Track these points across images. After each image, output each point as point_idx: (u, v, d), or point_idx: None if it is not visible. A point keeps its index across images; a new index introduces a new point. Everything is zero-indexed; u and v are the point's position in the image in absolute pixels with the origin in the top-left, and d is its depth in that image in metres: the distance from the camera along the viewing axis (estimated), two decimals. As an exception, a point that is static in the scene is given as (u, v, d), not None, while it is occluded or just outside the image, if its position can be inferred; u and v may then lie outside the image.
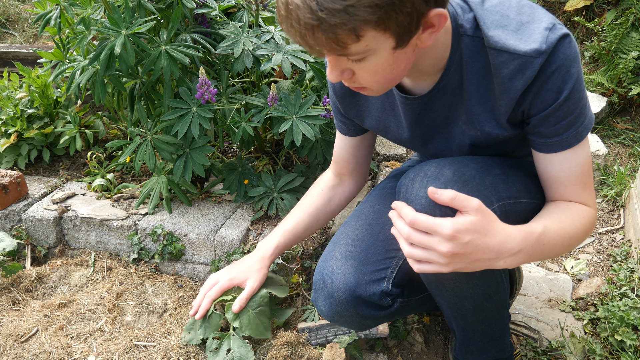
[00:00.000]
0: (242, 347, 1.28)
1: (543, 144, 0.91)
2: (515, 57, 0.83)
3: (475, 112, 0.93)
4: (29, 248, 1.79)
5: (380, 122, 1.09)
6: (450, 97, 0.94)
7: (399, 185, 0.93)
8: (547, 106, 0.86)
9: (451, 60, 0.89)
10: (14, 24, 3.54)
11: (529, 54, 0.82)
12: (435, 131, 1.02)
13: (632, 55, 2.40)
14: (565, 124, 0.87)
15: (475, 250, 0.78)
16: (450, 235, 0.76)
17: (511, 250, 0.80)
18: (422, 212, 0.85)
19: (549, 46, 0.81)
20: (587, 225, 0.92)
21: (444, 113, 0.97)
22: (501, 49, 0.84)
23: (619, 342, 1.32)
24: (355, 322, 1.08)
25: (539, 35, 0.82)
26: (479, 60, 0.88)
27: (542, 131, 0.89)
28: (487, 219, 0.78)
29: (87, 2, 1.63)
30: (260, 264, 1.29)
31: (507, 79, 0.86)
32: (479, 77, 0.89)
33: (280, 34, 1.66)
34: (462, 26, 0.88)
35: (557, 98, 0.84)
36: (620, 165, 2.18)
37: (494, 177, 0.93)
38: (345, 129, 1.21)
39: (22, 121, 2.06)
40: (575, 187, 0.93)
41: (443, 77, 0.92)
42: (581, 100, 0.87)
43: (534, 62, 0.82)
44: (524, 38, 0.83)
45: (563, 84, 0.83)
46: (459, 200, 0.77)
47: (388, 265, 1.06)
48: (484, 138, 0.96)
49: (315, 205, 1.30)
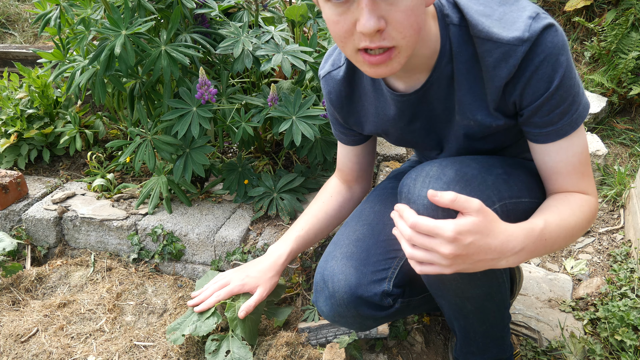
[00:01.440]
0: (241, 348, 1.28)
1: (538, 134, 0.91)
2: (498, 46, 0.84)
3: (466, 101, 0.93)
4: (29, 248, 1.79)
5: (379, 127, 1.09)
6: (444, 89, 0.95)
7: (401, 185, 0.93)
8: (539, 96, 0.86)
9: (442, 51, 0.90)
10: (14, 24, 3.54)
11: (511, 42, 0.83)
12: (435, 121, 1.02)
13: (632, 55, 2.40)
14: (558, 113, 0.87)
15: (478, 251, 0.78)
16: (452, 237, 0.76)
17: (513, 249, 0.80)
18: (425, 212, 0.85)
19: (532, 34, 0.82)
20: (588, 214, 0.92)
21: (440, 105, 0.98)
22: (485, 37, 0.85)
23: (619, 342, 1.32)
24: (356, 322, 1.08)
25: (522, 23, 0.83)
26: (467, 49, 0.89)
27: (536, 121, 0.89)
28: (488, 220, 0.78)
29: (87, 3, 1.63)
30: (273, 271, 1.28)
31: (491, 67, 0.86)
32: (467, 66, 0.90)
33: (280, 34, 1.66)
34: (448, 16, 0.88)
35: (548, 87, 0.85)
36: (620, 165, 2.18)
37: (495, 177, 0.93)
38: (346, 139, 1.22)
39: (22, 121, 2.06)
40: (574, 176, 0.93)
41: (436, 69, 0.92)
42: (573, 87, 0.87)
43: (516, 50, 0.83)
44: (507, 26, 0.84)
45: (553, 73, 0.84)
46: (459, 202, 0.77)
47: (389, 265, 1.06)
48: (477, 128, 0.96)
49: (325, 210, 1.31)
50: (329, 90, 1.11)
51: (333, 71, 1.09)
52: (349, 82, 1.07)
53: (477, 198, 0.86)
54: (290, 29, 1.89)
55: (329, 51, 1.13)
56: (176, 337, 1.31)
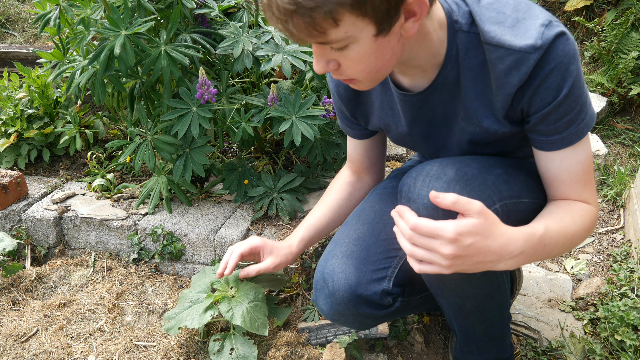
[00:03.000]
0: (244, 344, 1.28)
1: (544, 142, 0.91)
2: (510, 53, 0.84)
3: (472, 108, 0.93)
4: (29, 248, 1.79)
5: (382, 121, 1.09)
6: (448, 94, 0.94)
7: (401, 184, 0.93)
8: (547, 104, 0.86)
9: (448, 56, 0.90)
10: (14, 24, 3.54)
11: (524, 50, 0.82)
12: (435, 128, 1.02)
13: (632, 55, 2.40)
14: (565, 122, 0.87)
15: (477, 253, 0.78)
16: (453, 238, 0.76)
17: (512, 253, 0.80)
18: (425, 211, 0.86)
19: (545, 42, 0.82)
20: (588, 224, 0.92)
21: (442, 110, 0.98)
22: (497, 44, 0.85)
23: (619, 342, 1.32)
24: (356, 321, 1.08)
25: (535, 31, 0.82)
26: (475, 56, 0.88)
27: (542, 129, 0.89)
28: (489, 222, 0.78)
29: (87, 3, 1.63)
30: (287, 251, 1.26)
31: (502, 74, 0.86)
32: (475, 72, 0.90)
33: (280, 34, 1.66)
34: (458, 22, 0.88)
35: (556, 96, 0.84)
36: (620, 165, 2.18)
37: (495, 177, 0.93)
38: (353, 133, 1.22)
39: (22, 121, 2.07)
40: (576, 186, 0.93)
41: (440, 74, 0.92)
42: (581, 97, 0.86)
43: (529, 58, 0.82)
44: (519, 34, 0.83)
45: (562, 82, 0.83)
46: (460, 204, 0.77)
47: (389, 264, 1.06)
48: (483, 134, 0.96)
49: (337, 199, 1.30)
50: (337, 83, 1.11)
51: None
52: None
53: (477, 198, 0.86)
54: (290, 29, 1.89)
55: None
56: (170, 327, 1.30)
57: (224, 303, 1.27)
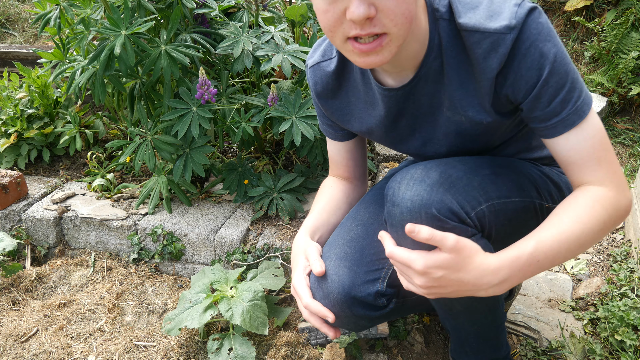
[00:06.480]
0: (243, 344, 1.28)
1: (545, 128, 0.89)
2: (486, 36, 0.83)
3: (457, 97, 0.93)
4: (29, 248, 1.79)
5: (363, 124, 1.07)
6: (432, 84, 0.94)
7: (387, 188, 0.93)
8: (533, 86, 0.84)
9: (430, 46, 0.89)
10: (14, 24, 3.54)
11: (499, 31, 0.82)
12: (421, 120, 1.00)
13: (632, 55, 2.40)
14: (559, 102, 0.85)
15: (450, 284, 0.81)
16: (422, 271, 0.79)
17: (489, 283, 0.81)
18: (408, 214, 0.87)
19: (519, 21, 0.81)
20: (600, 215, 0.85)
21: (427, 101, 0.97)
22: (472, 29, 0.84)
23: (619, 342, 1.32)
24: (351, 322, 1.08)
25: (508, 11, 0.82)
26: (457, 44, 0.88)
27: (539, 115, 0.87)
28: (461, 256, 0.79)
29: (87, 3, 1.63)
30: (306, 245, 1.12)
31: (481, 58, 0.85)
32: (458, 61, 0.89)
33: (280, 34, 1.66)
34: (438, 10, 0.88)
35: (540, 75, 0.83)
36: (620, 165, 2.19)
37: (482, 178, 0.92)
38: (333, 134, 1.17)
39: (22, 121, 2.07)
40: (589, 164, 0.87)
41: (424, 64, 0.91)
42: (569, 73, 0.85)
43: (505, 39, 0.82)
44: (494, 16, 0.83)
45: (542, 59, 0.82)
46: (435, 239, 0.78)
47: (382, 265, 1.06)
48: (469, 124, 0.95)
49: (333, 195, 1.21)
50: (316, 81, 1.08)
51: (323, 62, 1.06)
52: (338, 76, 1.05)
53: (461, 199, 0.86)
54: (290, 29, 1.89)
55: (318, 41, 1.10)
56: (171, 328, 1.30)
57: (224, 302, 1.27)
